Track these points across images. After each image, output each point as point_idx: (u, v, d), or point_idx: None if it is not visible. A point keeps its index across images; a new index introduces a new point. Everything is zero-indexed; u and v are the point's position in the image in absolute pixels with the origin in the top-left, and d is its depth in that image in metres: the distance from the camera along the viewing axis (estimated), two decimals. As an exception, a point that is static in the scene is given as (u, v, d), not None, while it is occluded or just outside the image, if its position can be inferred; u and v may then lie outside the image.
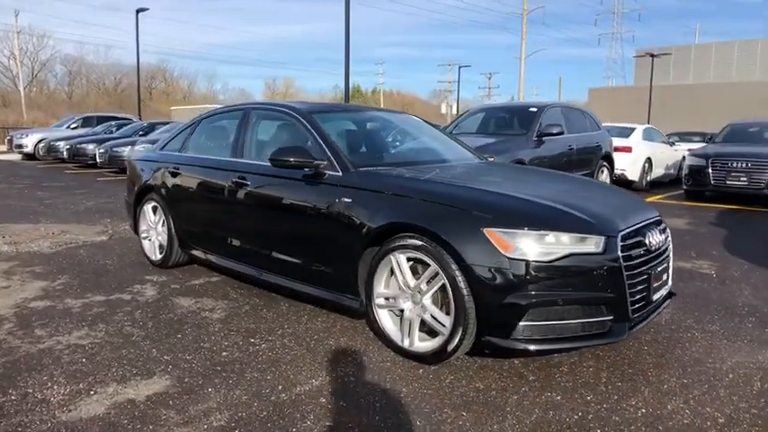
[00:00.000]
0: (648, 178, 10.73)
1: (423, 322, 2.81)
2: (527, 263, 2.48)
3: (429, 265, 2.72)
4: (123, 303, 3.78)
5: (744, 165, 8.12)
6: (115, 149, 13.01)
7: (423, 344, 2.80)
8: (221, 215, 3.96)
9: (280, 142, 3.81)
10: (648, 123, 19.46)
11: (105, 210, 7.88)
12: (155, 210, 4.68)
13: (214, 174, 4.03)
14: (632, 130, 10.91)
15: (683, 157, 12.50)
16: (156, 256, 4.69)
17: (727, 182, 8.21)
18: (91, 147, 14.62)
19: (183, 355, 2.94)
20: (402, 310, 2.88)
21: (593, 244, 2.54)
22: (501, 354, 2.81)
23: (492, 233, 2.53)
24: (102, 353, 2.95)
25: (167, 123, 15.79)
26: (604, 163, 8.44)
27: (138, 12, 22.77)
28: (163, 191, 4.48)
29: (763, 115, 18.68)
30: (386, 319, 2.96)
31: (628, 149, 9.98)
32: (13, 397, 2.45)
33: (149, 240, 4.77)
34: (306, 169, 3.32)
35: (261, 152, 3.89)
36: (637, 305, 2.66)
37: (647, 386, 2.60)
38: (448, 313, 2.68)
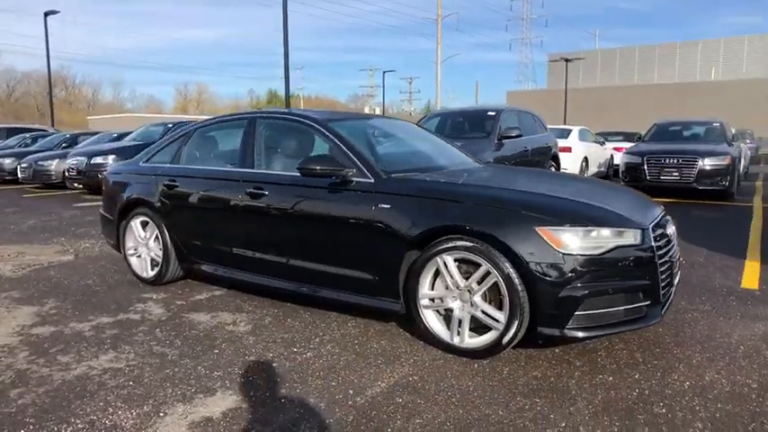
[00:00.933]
0: (585, 176, 11.54)
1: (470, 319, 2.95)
2: (580, 257, 2.69)
3: (477, 265, 2.87)
4: (135, 323, 3.61)
5: (675, 161, 8.99)
6: (41, 164, 12.09)
7: (474, 339, 2.94)
8: (233, 228, 3.87)
9: (297, 151, 3.82)
10: (564, 124, 20.81)
11: (52, 228, 7.36)
12: (144, 225, 4.49)
13: (222, 185, 3.95)
14: (569, 131, 11.71)
15: (611, 156, 13.56)
16: (149, 273, 4.49)
17: (661, 177, 9.05)
18: (8, 161, 13.49)
19: (233, 369, 2.89)
20: (450, 310, 3.00)
21: (631, 237, 2.80)
22: (550, 342, 3.01)
23: (545, 231, 2.72)
24: (147, 374, 2.83)
25: (95, 133, 14.86)
26: (553, 163, 9.00)
27: (46, 14, 21.24)
28: (157, 204, 4.30)
29: (662, 115, 20.56)
30: (432, 319, 3.07)
31: (568, 149, 10.70)
32: (80, 425, 2.32)
33: (139, 257, 4.56)
34: (333, 177, 3.35)
35: (277, 162, 3.86)
36: (664, 290, 2.95)
37: (679, 362, 2.90)
38: (499, 308, 2.84)
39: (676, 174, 8.99)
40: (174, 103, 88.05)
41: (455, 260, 2.94)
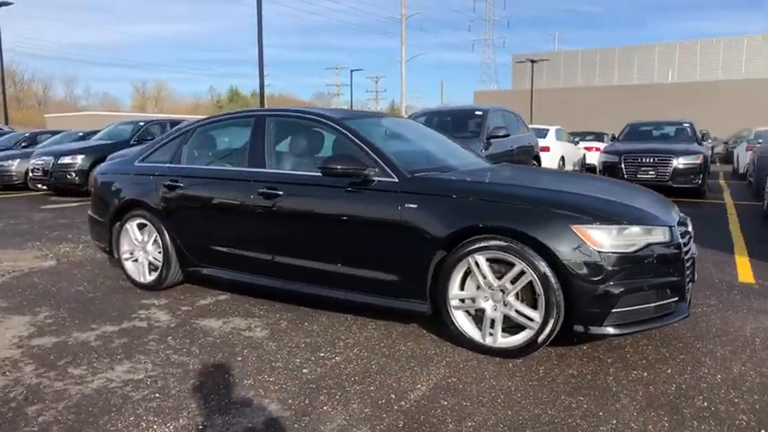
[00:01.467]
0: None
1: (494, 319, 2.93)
2: (615, 255, 2.71)
3: (510, 264, 2.85)
4: (143, 331, 3.45)
5: (651, 160, 9.28)
6: (1, 164, 11.48)
7: (507, 339, 2.92)
8: (241, 229, 3.74)
9: (311, 151, 3.74)
10: (531, 123, 21.22)
11: (23, 232, 6.98)
12: (141, 227, 4.30)
13: (230, 185, 3.81)
14: (547, 131, 11.94)
15: (584, 155, 13.88)
16: (146, 278, 4.30)
17: (638, 175, 9.31)
18: (-38, 161, 12.73)
19: (263, 377, 2.78)
20: (481, 310, 2.98)
21: (661, 234, 2.84)
22: (581, 340, 3.02)
23: (580, 230, 2.73)
24: (172, 385, 2.70)
25: (56, 132, 14.20)
26: (534, 162, 9.13)
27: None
28: (156, 206, 4.12)
29: (623, 115, 21.27)
30: (462, 320, 3.04)
31: (546, 149, 10.91)
32: (117, 443, 2.18)
33: (135, 261, 4.36)
34: (354, 177, 3.28)
35: (290, 161, 3.76)
36: (688, 285, 3.01)
37: (704, 356, 2.96)
38: (534, 307, 2.84)
39: (652, 172, 9.27)
40: (132, 101, 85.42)
41: (487, 260, 2.92)
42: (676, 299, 2.89)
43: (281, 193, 3.55)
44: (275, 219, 3.59)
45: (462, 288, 3.03)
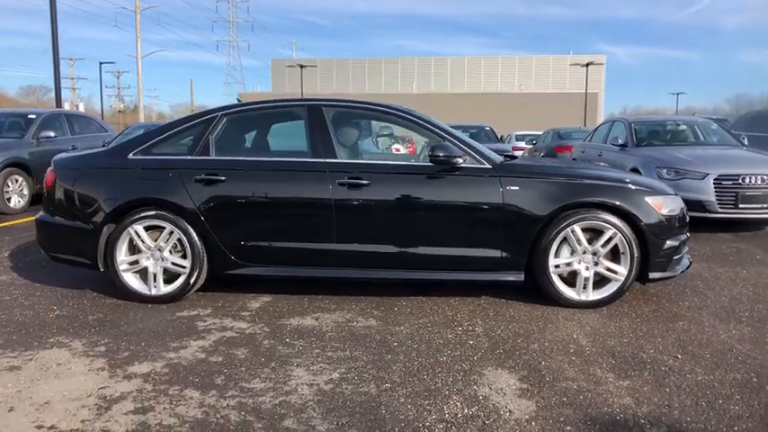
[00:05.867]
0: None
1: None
2: (669, 217, 3.64)
3: (600, 231, 3.55)
4: (247, 340, 3.09)
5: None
6: None
7: (598, 291, 3.60)
8: (318, 221, 3.59)
9: (386, 140, 3.79)
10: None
11: None
12: (152, 229, 3.67)
13: (296, 177, 3.61)
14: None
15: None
16: (160, 288, 3.69)
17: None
18: None
19: (451, 352, 2.91)
20: (573, 272, 3.60)
21: (680, 201, 3.88)
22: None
23: (651, 200, 3.58)
24: (382, 375, 2.65)
25: None
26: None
27: None
28: (184, 203, 3.59)
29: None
30: (558, 282, 3.60)
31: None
32: (455, 401, 2.17)
33: (139, 272, 3.70)
34: (447, 164, 3.55)
35: (363, 151, 3.76)
36: (680, 240, 4.14)
37: (713, 284, 4.11)
38: (618, 263, 3.59)
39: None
40: None
41: (582, 229, 3.56)
42: (686, 250, 3.99)
43: (365, 182, 3.56)
44: (362, 209, 3.57)
45: (556, 255, 3.60)
